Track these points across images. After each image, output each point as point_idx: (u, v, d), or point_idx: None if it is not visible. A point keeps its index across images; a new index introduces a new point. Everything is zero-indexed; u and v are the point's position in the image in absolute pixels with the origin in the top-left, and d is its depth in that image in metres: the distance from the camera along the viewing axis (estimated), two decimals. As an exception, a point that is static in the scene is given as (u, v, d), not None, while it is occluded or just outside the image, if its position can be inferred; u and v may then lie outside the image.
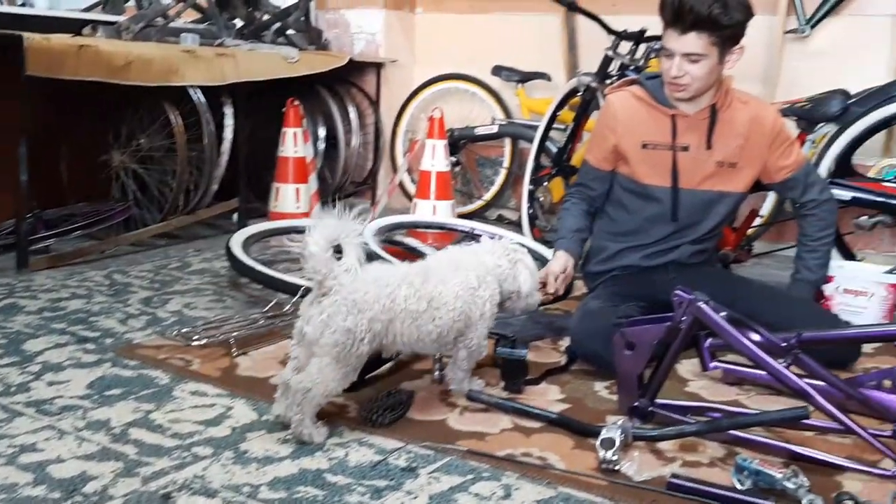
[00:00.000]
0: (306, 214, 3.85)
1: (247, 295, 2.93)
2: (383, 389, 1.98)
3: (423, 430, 1.84)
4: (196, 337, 2.37)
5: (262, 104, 4.15)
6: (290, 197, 3.84)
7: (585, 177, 2.60)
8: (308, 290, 2.53)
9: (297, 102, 3.89)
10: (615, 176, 2.54)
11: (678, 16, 2.23)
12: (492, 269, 1.99)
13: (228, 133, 3.80)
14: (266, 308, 2.61)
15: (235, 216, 3.96)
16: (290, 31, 4.44)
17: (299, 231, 3.50)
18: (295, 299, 2.59)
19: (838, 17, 3.77)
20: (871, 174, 3.36)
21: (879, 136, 3.48)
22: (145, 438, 1.78)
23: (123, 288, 2.96)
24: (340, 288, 1.71)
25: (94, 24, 3.53)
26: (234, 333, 2.39)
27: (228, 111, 3.80)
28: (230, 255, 2.89)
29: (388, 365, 2.16)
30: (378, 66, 4.78)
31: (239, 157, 3.89)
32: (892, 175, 3.30)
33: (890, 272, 2.82)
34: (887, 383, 2.02)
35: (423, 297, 1.82)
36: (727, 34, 2.26)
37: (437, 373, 2.12)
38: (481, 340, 1.98)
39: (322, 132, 4.55)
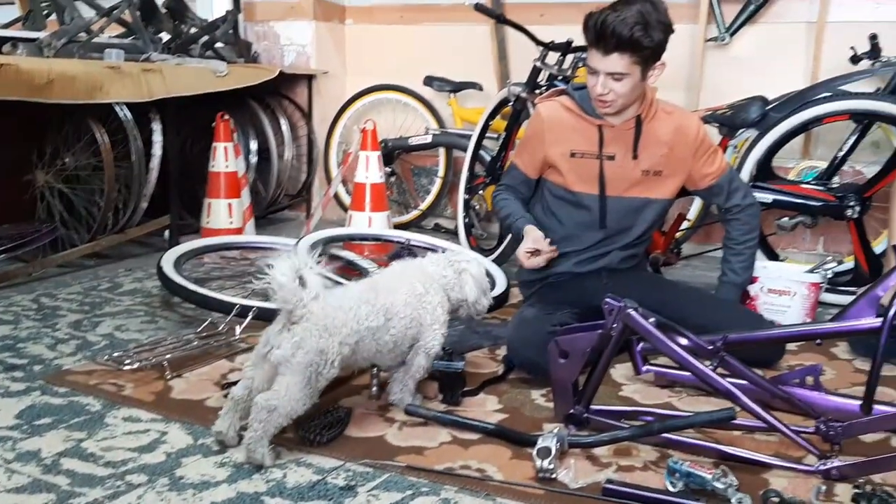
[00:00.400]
0: (240, 230, 3.82)
1: (180, 315, 2.89)
2: (321, 408, 1.97)
3: (362, 447, 1.84)
4: (128, 361, 2.33)
5: (192, 119, 4.10)
6: (222, 212, 3.80)
7: (514, 180, 2.65)
8: (245, 309, 2.56)
9: (226, 116, 3.85)
10: (545, 182, 2.59)
11: (600, 38, 2.29)
12: (436, 279, 2.08)
13: (157, 149, 3.73)
14: (200, 328, 2.58)
15: (167, 234, 3.89)
16: (218, 45, 4.39)
17: (233, 247, 3.49)
18: (230, 318, 2.58)
19: (756, 24, 3.90)
20: (790, 176, 3.49)
21: (798, 139, 3.61)
22: (77, 468, 1.74)
23: (52, 312, 2.88)
24: (311, 315, 1.76)
25: (14, 41, 3.43)
26: (168, 355, 2.35)
27: (157, 127, 3.73)
28: (161, 275, 2.85)
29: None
30: (309, 78, 4.76)
31: (169, 173, 3.83)
32: (811, 177, 3.44)
33: (811, 271, 2.93)
34: (810, 380, 2.10)
35: (380, 311, 1.90)
36: (648, 54, 2.32)
37: (374, 388, 2.12)
38: (439, 348, 2.04)
39: (254, 145, 4.50)
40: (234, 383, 2.04)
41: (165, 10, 4.21)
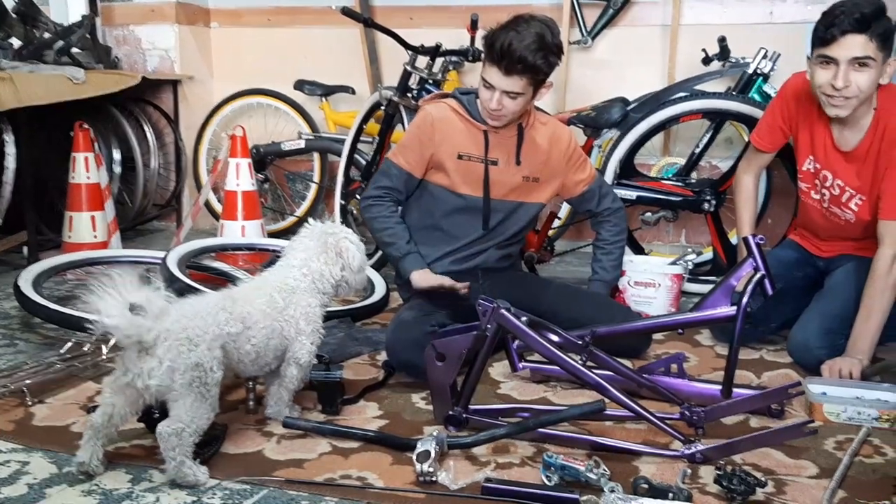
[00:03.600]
0: (104, 244, 3.65)
1: (41, 336, 2.74)
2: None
3: (239, 464, 1.80)
4: (-17, 389, 2.19)
5: (48, 129, 3.89)
6: (85, 226, 3.63)
7: (396, 180, 2.58)
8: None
9: (85, 125, 3.68)
10: (426, 183, 2.59)
11: (503, 58, 2.33)
12: (297, 286, 2.00)
13: (11, 162, 3.53)
14: (63, 349, 2.45)
15: (25, 250, 3.68)
16: (74, 50, 4.18)
17: (98, 262, 3.33)
18: (95, 337, 2.46)
19: (616, 28, 4.06)
20: (652, 173, 3.66)
21: (658, 138, 3.78)
22: (-72, 509, 1.62)
23: None
24: (168, 333, 1.69)
25: None
26: (28, 381, 2.22)
27: (9, 138, 3.53)
28: (19, 294, 2.70)
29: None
30: (174, 83, 4.61)
31: (25, 186, 3.62)
32: (671, 173, 3.61)
33: (673, 263, 3.08)
34: (674, 368, 2.21)
35: (237, 318, 1.85)
36: (543, 77, 2.42)
37: (251, 403, 2.08)
38: (311, 357, 2.01)
39: (117, 155, 4.33)
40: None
41: (15, 15, 3.98)
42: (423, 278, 2.50)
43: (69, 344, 2.47)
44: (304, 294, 2.01)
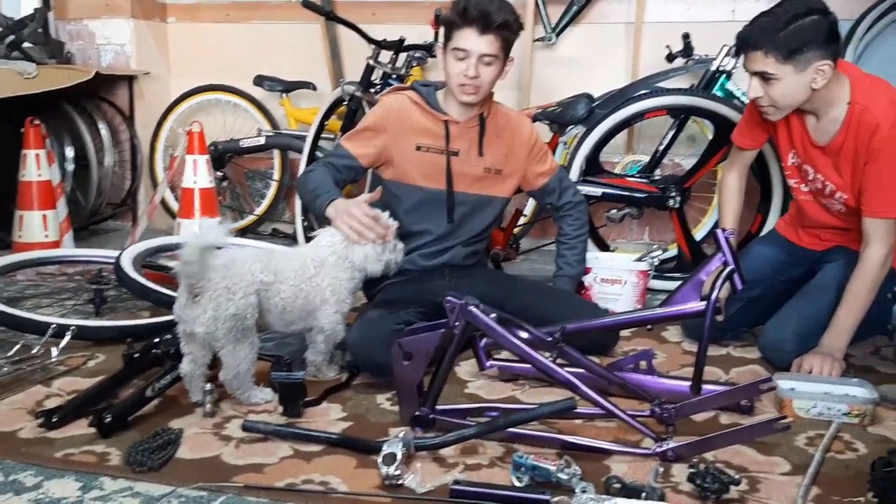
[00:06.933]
0: (56, 243, 3.53)
1: (-12, 339, 2.63)
2: (149, 430, 1.84)
3: (196, 469, 1.72)
4: (-75, 394, 2.08)
5: (-3, 125, 3.76)
6: (36, 225, 3.51)
7: (339, 160, 2.48)
8: (62, 329, 2.37)
9: (37, 122, 3.56)
10: (387, 183, 2.52)
11: (478, 17, 2.32)
12: (328, 258, 2.18)
13: (-43, 159, 3.40)
14: (11, 352, 2.35)
15: (-27, 250, 3.55)
16: (26, 45, 4.06)
17: (49, 262, 3.22)
18: (45, 339, 2.37)
19: (580, 25, 4.04)
20: (617, 170, 3.64)
21: (623, 135, 3.77)
22: None
23: None
24: (209, 283, 1.91)
25: None
26: (-27, 385, 2.13)
27: (-45, 135, 3.40)
28: (-35, 296, 2.59)
29: (153, 402, 2.02)
30: (130, 79, 4.50)
31: (-28, 184, 3.50)
32: (635, 170, 3.60)
33: (639, 260, 3.06)
34: (643, 365, 2.18)
35: (271, 270, 2.05)
36: (513, 40, 2.42)
37: (208, 405, 2.00)
38: (335, 325, 2.19)
39: (70, 152, 4.20)
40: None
41: (-37, 7, 3.86)
42: (350, 202, 2.30)
43: (17, 346, 2.37)
44: (332, 268, 2.18)
